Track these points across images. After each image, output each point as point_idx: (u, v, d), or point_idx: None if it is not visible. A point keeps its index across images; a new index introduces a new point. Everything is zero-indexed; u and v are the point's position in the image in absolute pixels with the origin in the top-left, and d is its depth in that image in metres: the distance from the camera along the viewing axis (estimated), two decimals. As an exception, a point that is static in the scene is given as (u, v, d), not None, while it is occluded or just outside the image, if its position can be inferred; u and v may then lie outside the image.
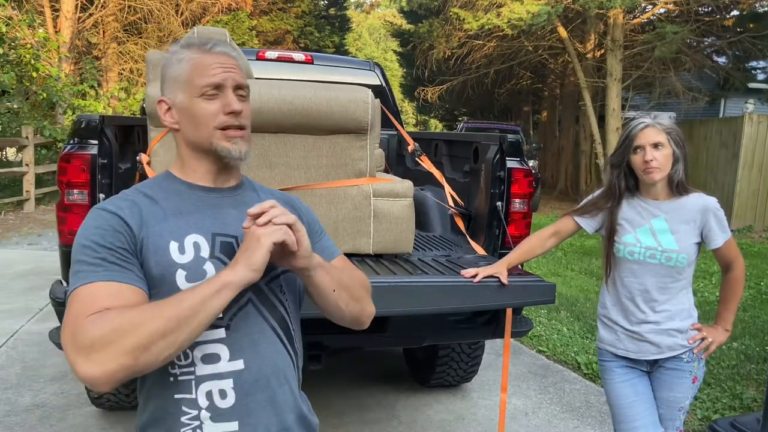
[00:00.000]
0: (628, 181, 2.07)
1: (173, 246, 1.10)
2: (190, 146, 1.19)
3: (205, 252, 1.12)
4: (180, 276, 1.09)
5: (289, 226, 1.07)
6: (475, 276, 2.24)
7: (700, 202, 2.01)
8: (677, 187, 2.00)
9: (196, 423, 1.11)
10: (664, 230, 2.01)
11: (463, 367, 3.57)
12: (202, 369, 1.11)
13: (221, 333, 1.12)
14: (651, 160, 1.93)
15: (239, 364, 1.13)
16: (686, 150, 2.00)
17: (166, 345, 0.98)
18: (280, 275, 1.20)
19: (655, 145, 1.94)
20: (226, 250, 1.14)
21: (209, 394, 1.11)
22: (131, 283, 1.04)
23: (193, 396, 1.11)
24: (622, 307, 2.09)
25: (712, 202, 2.02)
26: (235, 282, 1.03)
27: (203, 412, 1.11)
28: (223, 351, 1.12)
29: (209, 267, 1.11)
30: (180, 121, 1.18)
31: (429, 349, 3.53)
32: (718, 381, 3.97)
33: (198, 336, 1.04)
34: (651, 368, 2.12)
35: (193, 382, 1.11)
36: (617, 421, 2.15)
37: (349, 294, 1.24)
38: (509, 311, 2.52)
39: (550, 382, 4.02)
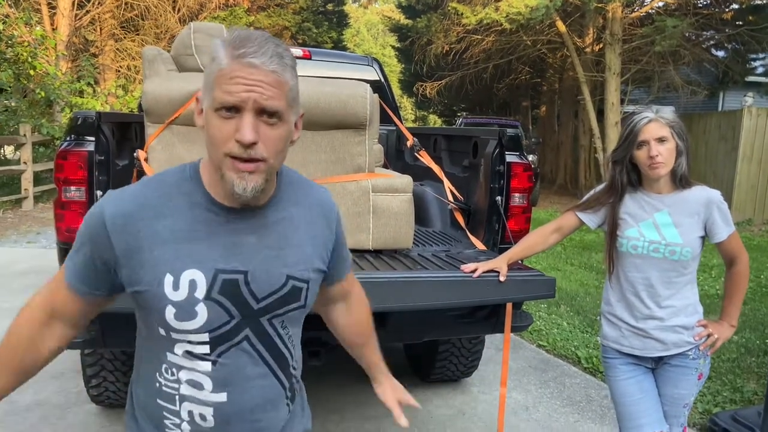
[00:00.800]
0: (631, 176, 2.05)
1: (168, 279, 1.02)
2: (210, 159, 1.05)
3: (200, 292, 1.03)
4: (170, 312, 1.03)
5: None
6: (474, 271, 2.24)
7: (703, 195, 1.99)
8: (680, 181, 1.99)
9: (177, 431, 1.12)
10: (668, 224, 1.99)
11: (463, 362, 3.57)
12: (187, 390, 1.09)
13: (207, 366, 1.08)
14: (656, 156, 1.91)
15: (222, 397, 1.09)
16: (688, 142, 1.98)
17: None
18: (286, 313, 1.13)
19: (660, 140, 1.92)
20: (227, 290, 1.05)
21: (191, 414, 1.10)
22: (87, 297, 1.11)
23: (177, 408, 1.11)
24: (627, 303, 2.07)
25: (716, 195, 2.00)
26: None
27: (185, 424, 1.11)
28: (206, 382, 1.08)
29: (201, 308, 1.03)
30: (204, 127, 1.02)
31: (429, 344, 3.53)
32: (718, 374, 3.97)
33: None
34: (656, 365, 2.10)
35: (177, 397, 1.10)
36: (623, 418, 2.13)
37: (360, 337, 1.45)
38: (509, 306, 2.52)
39: (550, 376, 4.01)
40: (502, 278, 2.23)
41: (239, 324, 1.07)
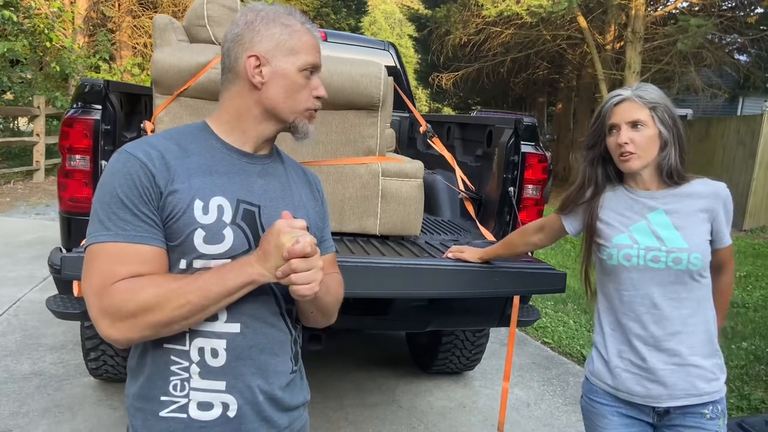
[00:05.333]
0: (607, 168, 1.65)
1: (198, 204, 1.08)
2: (263, 109, 1.16)
3: (228, 216, 1.10)
4: (198, 236, 1.07)
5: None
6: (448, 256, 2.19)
7: (708, 189, 1.58)
8: (670, 177, 1.57)
9: (185, 375, 1.10)
10: (666, 225, 1.56)
11: (466, 354, 3.51)
12: (199, 324, 1.09)
13: None
14: (626, 143, 1.52)
15: (235, 327, 1.11)
16: (679, 130, 1.55)
17: (186, 324, 1.06)
18: None
19: (633, 124, 1.52)
20: (248, 218, 1.13)
21: (201, 351, 1.10)
22: (156, 245, 1.07)
23: (186, 348, 1.10)
24: (623, 332, 1.60)
25: (723, 188, 1.59)
26: (260, 282, 1.06)
27: (193, 366, 1.10)
28: (221, 311, 1.09)
29: (228, 232, 1.09)
30: (269, 82, 1.14)
31: (432, 334, 3.48)
32: (726, 381, 3.89)
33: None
34: (659, 419, 1.61)
35: (187, 335, 1.10)
36: None
37: (323, 315, 1.26)
38: (516, 299, 2.45)
39: (553, 374, 3.96)
40: (450, 255, 2.16)
41: None
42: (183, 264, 1.09)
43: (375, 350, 4.09)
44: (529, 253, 2.60)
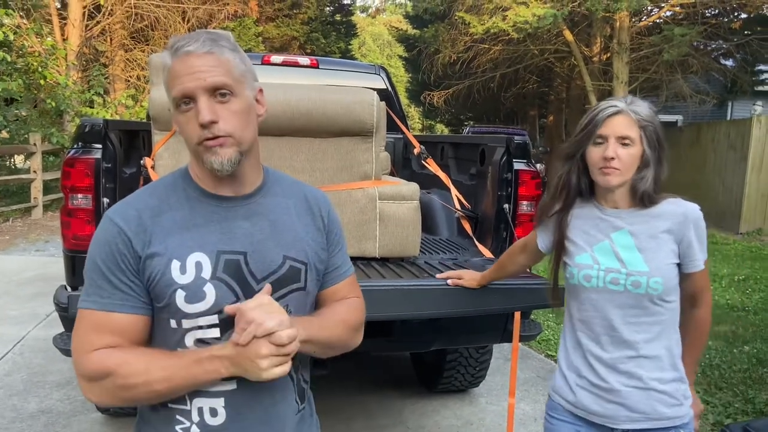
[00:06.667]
0: (581, 180, 1.58)
1: (175, 265, 1.07)
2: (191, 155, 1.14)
3: (207, 272, 1.08)
4: (180, 296, 1.06)
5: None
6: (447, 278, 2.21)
7: (677, 209, 1.52)
8: (641, 199, 1.52)
9: None
10: (629, 246, 1.52)
11: (470, 371, 3.53)
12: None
13: None
14: (612, 159, 1.46)
15: (231, 384, 1.10)
16: (663, 152, 1.51)
17: (152, 398, 1.08)
18: (287, 295, 1.14)
19: (623, 140, 1.47)
20: (231, 270, 1.09)
21: (200, 411, 1.10)
22: (132, 312, 1.08)
23: (188, 408, 1.11)
24: (583, 352, 1.58)
25: (694, 209, 1.52)
26: (227, 374, 1.04)
27: (194, 426, 1.11)
28: None
29: (209, 288, 1.07)
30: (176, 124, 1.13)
31: (436, 353, 3.50)
32: (730, 385, 3.91)
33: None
34: None
35: (187, 395, 1.10)
36: None
37: (332, 350, 1.22)
38: (518, 315, 2.49)
39: (559, 387, 3.96)
40: (450, 282, 2.17)
41: None
42: (173, 323, 1.09)
43: (380, 372, 4.11)
44: (528, 269, 2.65)
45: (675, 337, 1.56)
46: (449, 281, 2.19)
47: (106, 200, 2.39)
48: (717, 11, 12.56)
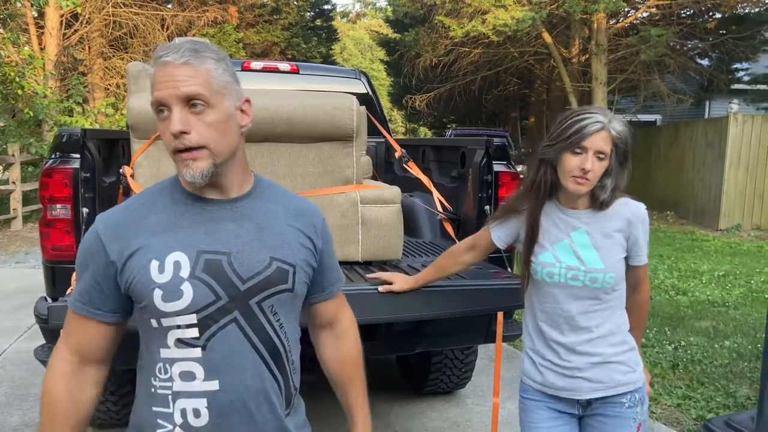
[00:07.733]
0: (549, 181, 1.70)
1: (154, 264, 1.08)
2: None
3: (185, 272, 1.08)
4: (157, 295, 1.07)
5: None
6: (382, 283, 2.16)
7: (626, 210, 1.68)
8: (600, 205, 1.67)
9: None
10: (587, 245, 1.67)
11: (456, 373, 3.55)
12: (180, 385, 1.11)
13: (197, 352, 1.10)
14: (589, 171, 1.58)
15: (214, 385, 1.10)
16: (625, 167, 1.66)
17: None
18: (273, 295, 1.14)
19: (599, 154, 1.59)
20: (211, 269, 1.09)
21: (183, 412, 1.11)
22: (100, 320, 1.13)
23: (170, 410, 1.11)
24: (545, 338, 1.73)
25: (641, 209, 1.69)
26: None
27: (177, 429, 1.11)
28: (198, 370, 1.10)
29: (186, 287, 1.08)
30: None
31: (422, 356, 3.51)
32: (711, 380, 3.97)
33: None
34: (583, 410, 1.75)
35: (170, 396, 1.11)
36: None
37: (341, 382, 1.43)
38: (500, 315, 2.51)
39: (544, 386, 4.00)
40: (381, 289, 2.12)
41: (227, 306, 1.10)
42: (154, 323, 1.10)
43: (366, 375, 4.10)
44: (509, 269, 2.68)
45: (623, 315, 1.75)
46: (380, 288, 2.13)
47: (85, 210, 2.37)
48: (692, 11, 12.78)
